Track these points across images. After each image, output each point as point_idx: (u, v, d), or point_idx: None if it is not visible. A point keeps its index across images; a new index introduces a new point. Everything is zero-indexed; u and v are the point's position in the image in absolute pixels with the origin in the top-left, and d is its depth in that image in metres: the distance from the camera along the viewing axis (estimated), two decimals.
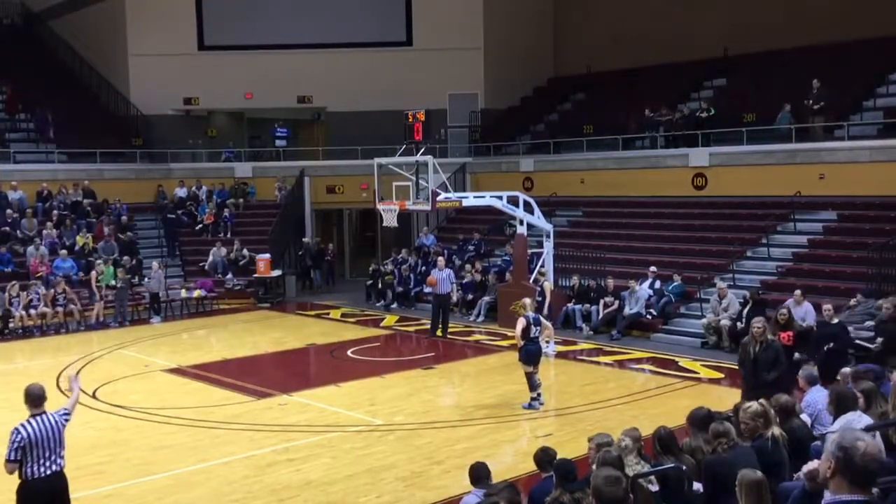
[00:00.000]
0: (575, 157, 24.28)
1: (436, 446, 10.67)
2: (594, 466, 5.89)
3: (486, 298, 19.98)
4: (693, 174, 21.53)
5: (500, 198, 18.60)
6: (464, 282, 20.82)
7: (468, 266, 21.34)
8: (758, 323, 10.16)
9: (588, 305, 18.27)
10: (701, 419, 6.93)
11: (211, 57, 27.89)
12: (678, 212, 21.24)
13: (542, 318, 12.88)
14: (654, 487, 6.08)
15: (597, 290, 18.40)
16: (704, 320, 16.48)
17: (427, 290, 19.45)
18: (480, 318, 19.78)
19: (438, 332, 18.01)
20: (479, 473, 6.78)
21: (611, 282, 18.38)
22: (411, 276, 22.26)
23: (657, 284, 18.12)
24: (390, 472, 9.75)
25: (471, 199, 18.90)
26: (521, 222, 18.85)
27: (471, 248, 23.11)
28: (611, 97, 25.96)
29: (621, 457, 6.15)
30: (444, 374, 14.96)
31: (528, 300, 13.11)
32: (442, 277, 18.47)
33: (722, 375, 14.15)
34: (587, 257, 19.47)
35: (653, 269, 18.39)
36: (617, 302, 17.82)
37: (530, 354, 12.17)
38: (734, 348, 15.57)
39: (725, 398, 9.97)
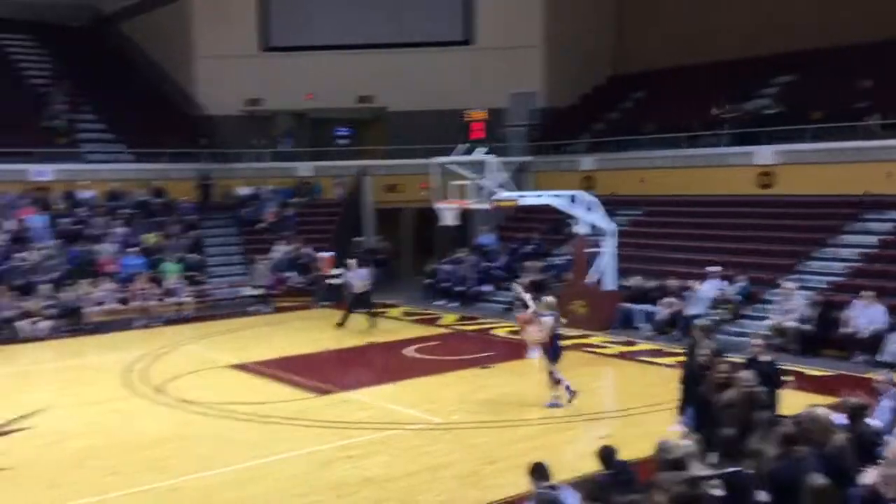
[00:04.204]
0: (636, 156, 24.01)
1: (493, 446, 10.67)
2: (659, 470, 5.83)
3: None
4: (758, 172, 21.10)
5: (560, 197, 18.50)
6: (522, 282, 20.71)
7: (527, 265, 21.27)
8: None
9: (648, 306, 18.05)
10: (766, 423, 6.80)
11: (275, 58, 28.40)
12: (742, 211, 20.82)
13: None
14: (719, 492, 5.98)
15: (657, 291, 18.16)
16: (770, 322, 16.14)
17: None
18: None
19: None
20: (541, 471, 6.69)
21: (672, 282, 18.12)
22: (470, 275, 22.27)
23: (722, 285, 17.81)
24: (448, 470, 9.78)
25: (528, 199, 18.83)
26: (580, 222, 18.71)
27: (530, 247, 23.04)
28: (673, 95, 25.58)
29: (685, 460, 6.06)
30: (502, 374, 14.93)
31: (551, 299, 13.02)
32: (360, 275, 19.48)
33: (791, 378, 13.81)
34: (648, 257, 19.21)
35: (715, 268, 18.07)
36: (678, 302, 17.57)
37: (558, 353, 12.30)
38: (800, 350, 15.28)
39: (791, 402, 9.74)
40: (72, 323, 19.53)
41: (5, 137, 23.85)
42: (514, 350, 17.09)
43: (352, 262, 20.35)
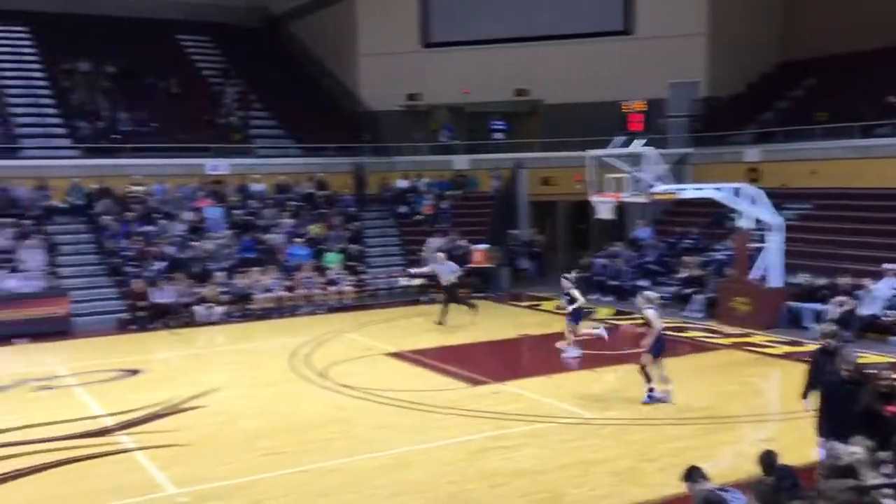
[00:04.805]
0: (807, 147, 22.76)
1: (649, 443, 10.48)
2: (825, 477, 5.56)
3: (704, 294, 19.26)
4: None
5: (722, 190, 17.84)
6: (680, 277, 20.20)
7: (686, 260, 20.68)
8: None
9: (817, 304, 17.13)
10: None
11: (433, 54, 28.94)
12: None
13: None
14: (890, 503, 5.63)
15: (828, 289, 17.19)
16: None
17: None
18: (697, 315, 19.11)
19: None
20: (699, 473, 6.49)
21: (845, 280, 17.10)
22: (625, 269, 21.89)
23: None
24: (602, 465, 9.69)
25: (688, 191, 18.28)
26: (743, 215, 17.97)
27: (688, 242, 22.36)
28: (847, 82, 24.02)
29: (855, 467, 5.74)
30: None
31: (652, 294, 12.78)
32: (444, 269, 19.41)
33: None
34: (817, 253, 18.21)
35: (892, 266, 16.88)
36: (851, 301, 16.56)
37: (661, 349, 12.12)
38: None
39: None
40: (242, 309, 20.70)
41: (185, 133, 25.62)
42: (670, 347, 16.69)
43: (441, 254, 20.57)
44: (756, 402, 12.67)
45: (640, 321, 13.47)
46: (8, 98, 25.70)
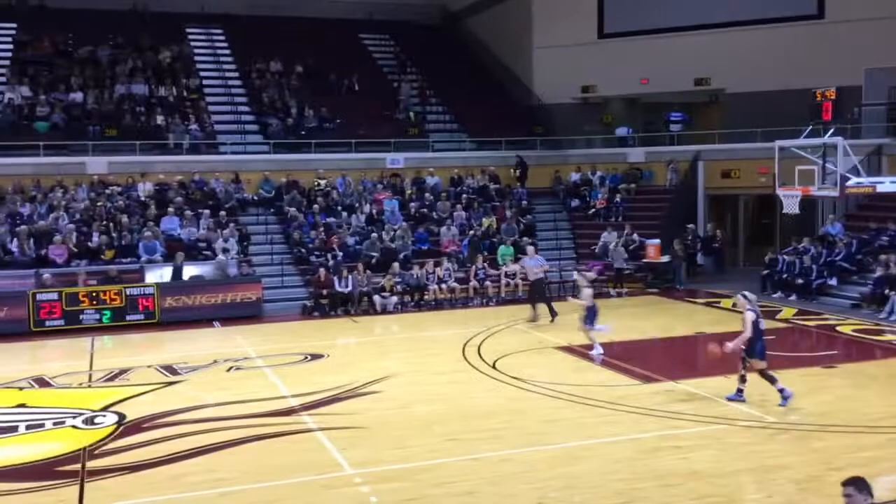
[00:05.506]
0: None
1: (834, 452, 9.92)
2: None
3: None
4: None
5: None
6: (875, 276, 18.91)
7: (882, 258, 19.32)
8: None
9: None
10: None
11: (609, 44, 28.56)
12: None
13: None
14: None
15: None
16: None
17: None
18: (894, 317, 17.83)
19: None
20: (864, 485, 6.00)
21: None
22: (813, 266, 20.73)
23: None
24: (783, 472, 9.28)
25: (887, 185, 17.07)
26: None
27: (884, 238, 20.87)
28: None
29: None
30: (848, 375, 13.75)
31: (751, 294, 12.13)
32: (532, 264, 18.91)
33: None
34: None
35: None
36: None
37: (763, 349, 11.75)
38: None
39: None
40: (416, 299, 21.31)
41: (367, 129, 26.67)
42: (861, 350, 15.73)
43: (530, 248, 20.16)
44: None
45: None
46: (207, 98, 27.69)
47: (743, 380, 11.96)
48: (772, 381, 11.79)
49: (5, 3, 29.97)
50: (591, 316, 15.44)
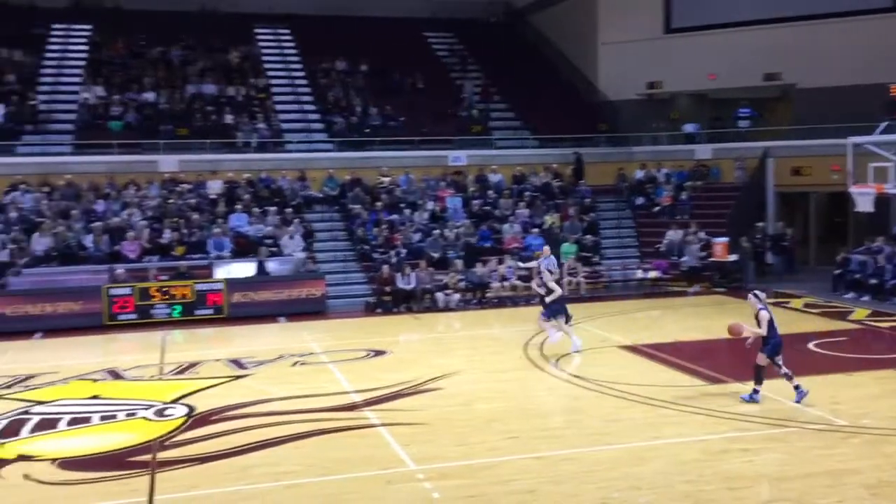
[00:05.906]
0: None
1: None
2: None
3: None
4: None
5: None
6: None
7: None
8: None
9: None
10: None
11: (676, 40, 28.15)
12: None
13: None
14: None
15: None
16: None
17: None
18: None
19: None
20: None
21: None
22: (887, 266, 20.11)
23: None
24: (854, 477, 9.04)
25: None
26: None
27: None
28: None
29: None
30: None
31: (763, 294, 12.03)
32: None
33: None
34: None
35: None
36: None
37: (777, 347, 11.71)
38: None
39: None
40: (479, 296, 21.32)
41: (430, 126, 26.79)
42: None
43: (546, 248, 20.01)
44: None
45: None
46: (274, 97, 28.16)
47: (789, 378, 11.80)
48: (758, 380, 11.80)
49: (82, 6, 30.94)
50: (552, 312, 15.37)
